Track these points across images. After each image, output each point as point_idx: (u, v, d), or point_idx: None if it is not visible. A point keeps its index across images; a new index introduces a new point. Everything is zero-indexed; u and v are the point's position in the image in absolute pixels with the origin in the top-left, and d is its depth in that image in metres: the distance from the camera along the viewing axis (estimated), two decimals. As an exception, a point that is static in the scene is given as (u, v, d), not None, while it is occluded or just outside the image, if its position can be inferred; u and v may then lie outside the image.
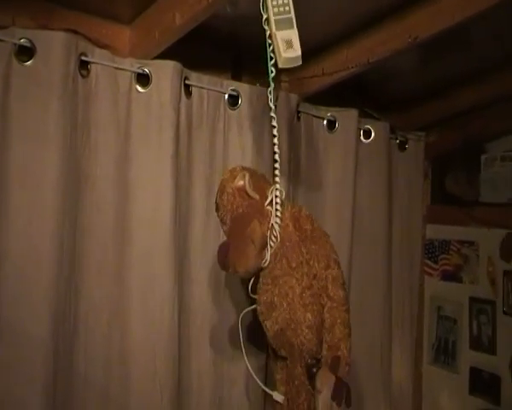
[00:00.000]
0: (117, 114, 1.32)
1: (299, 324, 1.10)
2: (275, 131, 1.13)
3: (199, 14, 1.14)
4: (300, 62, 1.05)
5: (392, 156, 1.93)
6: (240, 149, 1.50)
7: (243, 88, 1.50)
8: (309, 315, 1.09)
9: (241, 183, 1.15)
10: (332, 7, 1.31)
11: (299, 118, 1.66)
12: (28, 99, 1.18)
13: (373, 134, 1.83)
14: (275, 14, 1.02)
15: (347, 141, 1.74)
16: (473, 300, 1.91)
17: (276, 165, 1.15)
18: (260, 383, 1.24)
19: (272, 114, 1.13)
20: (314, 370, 1.11)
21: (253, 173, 1.19)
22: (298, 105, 1.63)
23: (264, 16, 1.04)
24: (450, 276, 1.99)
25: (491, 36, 1.41)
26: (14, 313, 1.17)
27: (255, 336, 1.29)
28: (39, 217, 1.18)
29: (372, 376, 1.86)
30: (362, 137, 1.82)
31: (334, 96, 1.69)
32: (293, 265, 1.11)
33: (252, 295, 1.20)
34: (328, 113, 1.73)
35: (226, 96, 1.49)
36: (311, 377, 1.11)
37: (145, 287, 1.33)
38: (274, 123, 1.13)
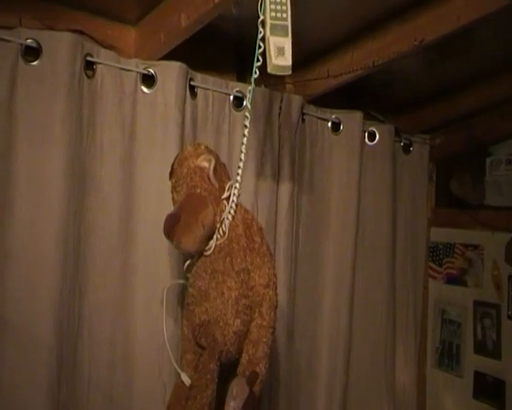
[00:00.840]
0: (122, 115, 1.32)
1: (228, 326, 1.11)
2: (246, 132, 1.14)
3: (204, 15, 1.14)
4: (290, 72, 1.04)
5: (396, 159, 1.93)
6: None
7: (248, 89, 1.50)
8: (238, 322, 1.12)
9: (206, 165, 1.15)
10: (338, 9, 1.31)
11: (303, 120, 1.66)
12: (34, 99, 1.18)
13: (377, 136, 1.83)
14: (271, 19, 1.01)
15: (352, 143, 1.74)
16: (477, 303, 1.90)
17: (241, 164, 1.15)
18: (173, 360, 1.25)
19: (247, 114, 1.13)
20: (226, 373, 1.14)
21: (217, 160, 1.19)
22: (302, 107, 1.63)
23: (261, 17, 1.03)
24: (455, 279, 1.99)
25: (496, 38, 1.41)
26: (18, 315, 1.17)
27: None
28: (45, 217, 1.19)
29: (376, 379, 1.86)
30: (366, 140, 1.82)
31: (339, 97, 1.68)
32: (236, 268, 1.13)
33: (186, 273, 1.21)
34: (333, 115, 1.73)
35: (231, 97, 1.49)
36: (222, 380, 1.13)
37: (149, 288, 1.33)
38: (247, 123, 1.14)
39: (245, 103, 1.48)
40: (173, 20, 1.22)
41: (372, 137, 1.83)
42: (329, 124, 1.73)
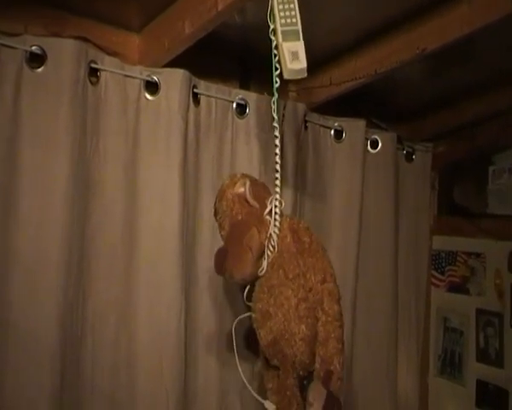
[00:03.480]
0: (126, 122, 1.33)
1: (293, 335, 1.09)
2: (277, 142, 1.14)
3: (208, 22, 1.15)
4: (306, 75, 1.05)
5: (399, 167, 1.93)
6: (247, 157, 1.50)
7: (251, 97, 1.51)
8: (303, 327, 1.09)
9: (242, 190, 1.15)
10: (341, 17, 1.32)
11: (306, 127, 1.66)
12: (38, 105, 1.19)
13: (380, 144, 1.83)
14: (282, 26, 1.02)
15: (354, 151, 1.74)
16: (480, 312, 1.89)
17: (277, 175, 1.15)
18: (252, 391, 1.23)
19: (275, 124, 1.13)
20: (305, 382, 1.11)
21: (253, 182, 1.19)
22: (305, 115, 1.64)
23: (271, 27, 1.04)
24: (457, 287, 1.98)
25: (499, 47, 1.41)
26: (22, 317, 1.17)
27: (253, 342, 1.29)
28: (49, 222, 1.19)
29: (378, 387, 1.85)
30: (369, 148, 1.82)
31: (342, 105, 1.69)
32: (290, 276, 1.11)
33: (247, 302, 1.20)
34: (336, 122, 1.73)
35: (234, 104, 1.49)
36: (303, 389, 1.11)
37: (152, 292, 1.33)
38: (277, 133, 1.13)
39: (248, 111, 1.49)
40: (177, 27, 1.22)
41: (375, 144, 1.83)
42: (332, 132, 1.73)
